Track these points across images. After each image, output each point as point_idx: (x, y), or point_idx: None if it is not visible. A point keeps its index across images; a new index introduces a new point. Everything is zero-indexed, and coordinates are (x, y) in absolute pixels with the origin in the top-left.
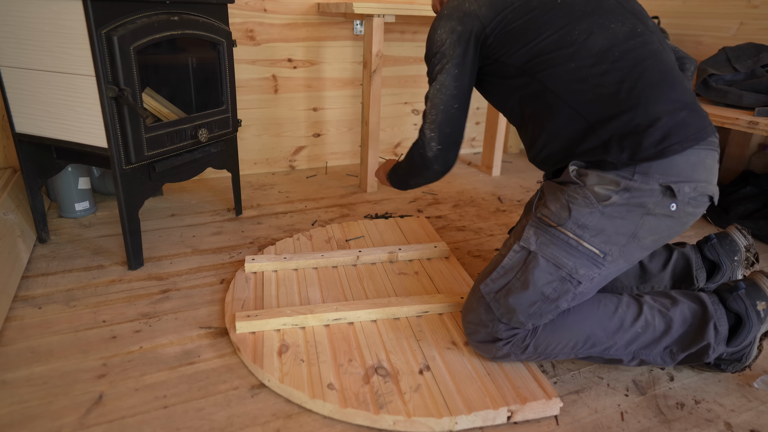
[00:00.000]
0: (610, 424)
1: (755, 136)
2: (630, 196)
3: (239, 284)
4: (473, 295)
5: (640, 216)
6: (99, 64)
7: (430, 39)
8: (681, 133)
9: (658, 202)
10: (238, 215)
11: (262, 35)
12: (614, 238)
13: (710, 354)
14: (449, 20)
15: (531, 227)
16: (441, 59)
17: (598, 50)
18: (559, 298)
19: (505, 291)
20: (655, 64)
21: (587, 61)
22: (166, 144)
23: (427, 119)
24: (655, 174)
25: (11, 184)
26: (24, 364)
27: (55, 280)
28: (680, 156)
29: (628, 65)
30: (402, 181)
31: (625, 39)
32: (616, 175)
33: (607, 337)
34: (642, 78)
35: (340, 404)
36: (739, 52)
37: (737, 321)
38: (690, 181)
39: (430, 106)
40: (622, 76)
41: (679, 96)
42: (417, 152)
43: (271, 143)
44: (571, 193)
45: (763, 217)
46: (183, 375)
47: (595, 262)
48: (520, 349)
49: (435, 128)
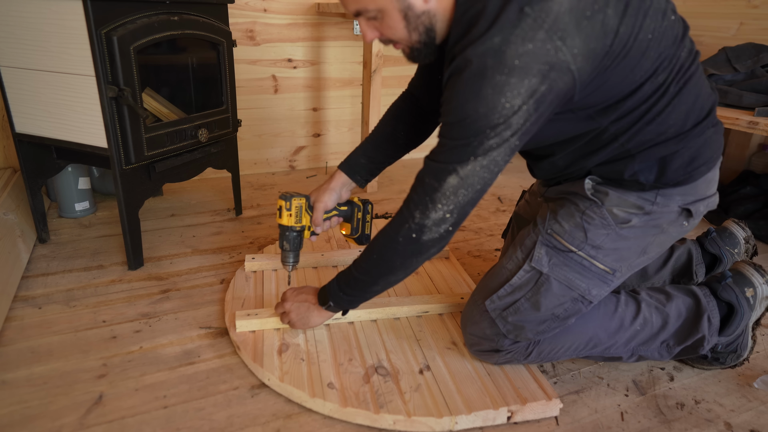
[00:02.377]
0: (610, 424)
1: (755, 136)
2: (649, 218)
3: (239, 283)
4: (475, 308)
5: (653, 235)
6: (99, 64)
7: (487, 102)
8: (707, 154)
9: (673, 222)
10: (238, 215)
11: (262, 35)
12: (626, 255)
13: (705, 345)
14: (526, 76)
15: (542, 246)
16: (503, 131)
17: (665, 83)
18: (569, 317)
19: (513, 310)
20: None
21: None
22: (166, 144)
23: (444, 199)
24: (676, 197)
25: (11, 184)
26: (24, 364)
27: (55, 280)
28: (703, 177)
29: (675, 92)
30: (365, 288)
31: (672, 55)
32: (638, 198)
33: (608, 337)
34: (686, 102)
35: (341, 403)
36: (739, 52)
37: (729, 310)
38: (704, 198)
39: (459, 186)
40: (677, 105)
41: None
42: (404, 235)
43: (271, 143)
44: (587, 212)
45: (763, 217)
46: (183, 375)
47: (605, 280)
48: (523, 356)
49: (456, 210)
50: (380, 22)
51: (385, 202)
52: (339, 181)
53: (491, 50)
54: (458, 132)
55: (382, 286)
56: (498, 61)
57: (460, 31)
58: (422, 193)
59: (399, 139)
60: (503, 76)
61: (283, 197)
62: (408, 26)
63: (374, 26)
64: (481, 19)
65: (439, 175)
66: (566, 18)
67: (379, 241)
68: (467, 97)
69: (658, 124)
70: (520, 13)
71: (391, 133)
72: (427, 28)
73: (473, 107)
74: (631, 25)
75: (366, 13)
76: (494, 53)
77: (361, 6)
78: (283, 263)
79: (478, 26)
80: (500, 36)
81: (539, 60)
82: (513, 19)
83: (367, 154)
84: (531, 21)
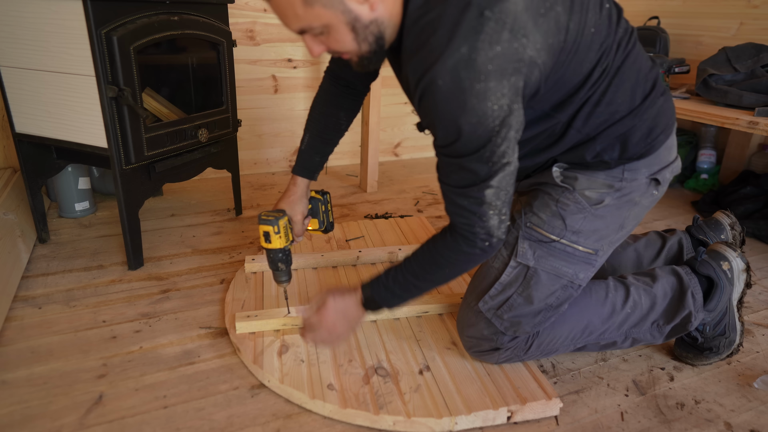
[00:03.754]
0: (610, 424)
1: (755, 136)
2: (620, 194)
3: (239, 284)
4: (469, 311)
5: (628, 209)
6: (99, 64)
7: (476, 111)
8: (662, 122)
9: (643, 193)
10: (238, 215)
11: (262, 35)
12: (605, 233)
13: (692, 322)
14: (503, 76)
15: (524, 240)
16: (507, 132)
17: (607, 67)
18: (563, 304)
19: (507, 307)
20: (629, 56)
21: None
22: (166, 144)
23: (493, 207)
24: (642, 169)
25: (11, 184)
26: (24, 364)
27: (55, 280)
28: (663, 145)
29: (616, 72)
30: (416, 294)
31: (616, 43)
32: (606, 176)
33: (602, 322)
34: (627, 80)
35: (340, 405)
36: (739, 52)
37: (710, 285)
38: (668, 164)
39: (498, 191)
40: (619, 84)
41: (649, 81)
42: (473, 251)
43: (271, 143)
44: (561, 199)
45: (763, 217)
46: (183, 375)
47: (589, 262)
48: (523, 351)
49: (506, 209)
50: (327, 37)
51: (386, 201)
52: (302, 186)
53: (462, 61)
54: (464, 148)
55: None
56: (472, 71)
57: (415, 40)
58: (467, 215)
59: (342, 125)
60: (482, 83)
61: (267, 222)
62: (357, 38)
63: (321, 41)
64: (439, 28)
65: (474, 195)
66: (524, 16)
67: (441, 253)
68: (455, 114)
69: (607, 104)
70: (481, 18)
71: (334, 122)
72: (377, 36)
73: (465, 121)
74: (577, 21)
75: (311, 30)
76: (465, 63)
77: (305, 24)
78: (279, 282)
79: (437, 36)
80: (466, 45)
81: (510, 59)
82: (475, 24)
83: (318, 152)
84: (493, 24)
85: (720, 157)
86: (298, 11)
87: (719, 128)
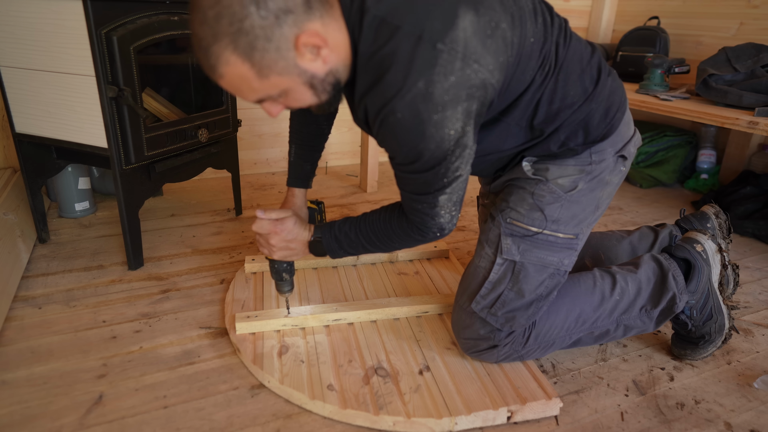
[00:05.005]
0: (610, 424)
1: (755, 136)
2: (591, 177)
3: (239, 285)
4: (463, 312)
5: (601, 189)
6: (99, 64)
7: (434, 138)
8: (616, 100)
9: (612, 170)
10: (238, 215)
11: None
12: (582, 217)
13: (678, 303)
14: (458, 103)
15: (507, 236)
16: (462, 152)
17: (549, 69)
18: (552, 291)
19: (500, 304)
20: (569, 50)
21: (550, 86)
22: (166, 144)
23: (444, 209)
24: (608, 148)
25: (11, 184)
26: (24, 364)
27: (55, 280)
28: (621, 122)
29: (557, 70)
30: (359, 251)
31: (555, 45)
32: (576, 162)
33: (593, 310)
34: (573, 72)
35: (340, 405)
36: (739, 52)
37: (688, 267)
38: (630, 139)
39: (450, 197)
40: (566, 78)
41: (594, 66)
42: (425, 238)
43: (271, 143)
44: (536, 192)
45: (763, 217)
46: (183, 375)
47: (571, 247)
48: (520, 345)
49: (458, 207)
50: (286, 98)
51: (386, 201)
52: (300, 197)
53: (419, 96)
54: (421, 167)
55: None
56: (429, 104)
57: (369, 79)
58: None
59: (325, 130)
60: (438, 114)
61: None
62: (315, 92)
63: (280, 103)
64: (394, 64)
65: (429, 201)
66: (474, 41)
67: (395, 231)
68: (414, 141)
69: (561, 99)
70: (434, 51)
71: (316, 129)
72: (334, 84)
73: (424, 146)
74: (519, 35)
75: (270, 98)
76: (423, 97)
77: (264, 94)
78: (282, 292)
79: (392, 72)
80: (423, 79)
81: (464, 86)
82: (429, 58)
83: (307, 160)
84: (446, 55)
85: (720, 157)
86: (254, 85)
87: (719, 128)
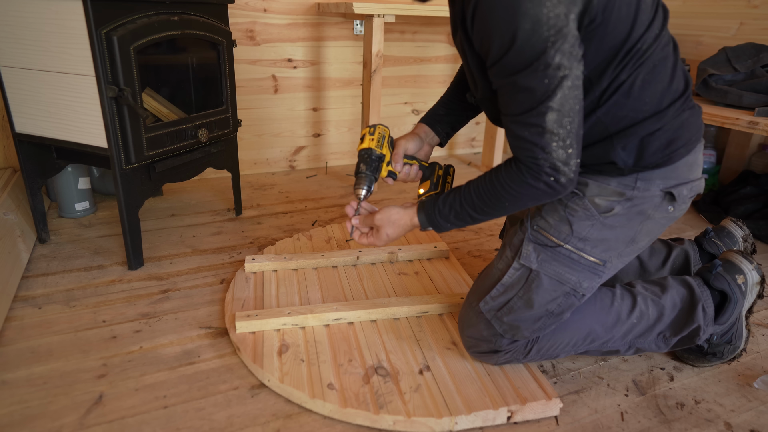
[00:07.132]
0: (610, 424)
1: (755, 136)
2: (632, 204)
3: (239, 284)
4: (471, 310)
5: (639, 222)
6: (99, 64)
7: (529, 16)
8: (685, 136)
9: (657, 207)
10: (238, 215)
11: (262, 35)
12: (614, 245)
13: (701, 335)
14: None
15: (529, 243)
16: (562, 44)
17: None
18: (564, 312)
19: (507, 309)
20: (666, 59)
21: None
22: (166, 144)
23: (556, 136)
24: (656, 180)
25: (11, 184)
26: (24, 364)
27: (55, 280)
28: (682, 159)
29: (650, 65)
30: (468, 223)
31: (654, 36)
32: (618, 184)
33: (606, 331)
34: (661, 80)
35: (340, 404)
36: (739, 52)
37: (722, 298)
38: (687, 182)
39: (560, 116)
40: (650, 80)
41: (679, 90)
42: (537, 185)
43: (271, 143)
44: (570, 204)
45: (763, 217)
46: (183, 375)
47: (595, 272)
48: (522, 355)
49: (573, 141)
50: None
51: (386, 201)
52: (422, 129)
53: None
54: (517, 59)
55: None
56: None
57: None
58: (530, 145)
59: (469, 114)
60: None
61: (368, 127)
62: None
63: None
64: None
65: (535, 120)
66: None
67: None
68: (510, 18)
69: (634, 99)
70: None
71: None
72: None
73: (519, 25)
74: None
75: None
76: None
77: None
78: (356, 188)
79: None
80: None
81: None
82: None
83: (445, 106)
84: None
85: (720, 157)
86: None
87: (719, 128)
